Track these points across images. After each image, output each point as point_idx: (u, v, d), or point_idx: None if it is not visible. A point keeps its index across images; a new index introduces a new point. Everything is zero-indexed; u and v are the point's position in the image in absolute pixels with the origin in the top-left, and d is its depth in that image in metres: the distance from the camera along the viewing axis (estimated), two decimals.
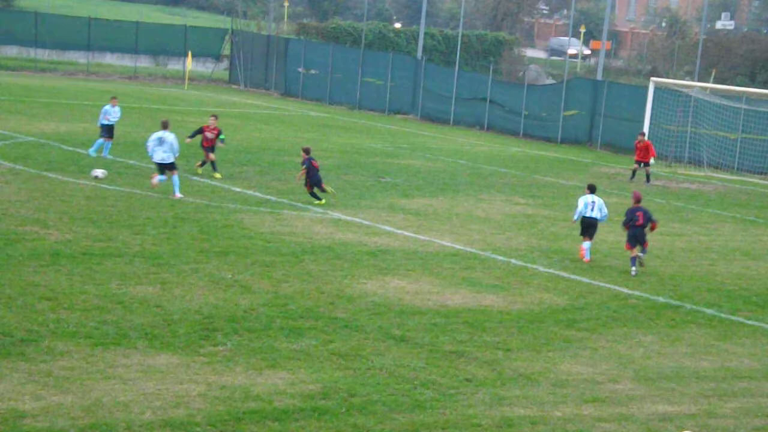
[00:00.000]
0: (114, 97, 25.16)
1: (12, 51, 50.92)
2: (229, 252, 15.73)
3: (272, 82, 50.58)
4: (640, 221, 17.07)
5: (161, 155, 19.71)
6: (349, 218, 19.67)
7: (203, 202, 19.91)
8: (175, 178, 19.89)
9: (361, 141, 33.57)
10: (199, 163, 23.48)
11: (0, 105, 33.56)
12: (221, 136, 23.38)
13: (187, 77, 49.66)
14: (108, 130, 24.27)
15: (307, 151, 21.25)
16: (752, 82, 47.60)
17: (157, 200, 19.64)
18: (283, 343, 11.49)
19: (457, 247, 17.92)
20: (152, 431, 8.84)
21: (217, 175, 23.02)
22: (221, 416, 9.29)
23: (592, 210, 17.75)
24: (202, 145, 23.30)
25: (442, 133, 39.39)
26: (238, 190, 21.75)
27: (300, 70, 49.32)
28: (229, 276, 14.28)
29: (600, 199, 18.21)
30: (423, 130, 39.73)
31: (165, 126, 20.06)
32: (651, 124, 33.58)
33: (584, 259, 17.59)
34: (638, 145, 29.42)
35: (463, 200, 23.45)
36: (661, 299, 15.25)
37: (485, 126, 42.35)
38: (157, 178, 19.84)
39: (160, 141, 19.70)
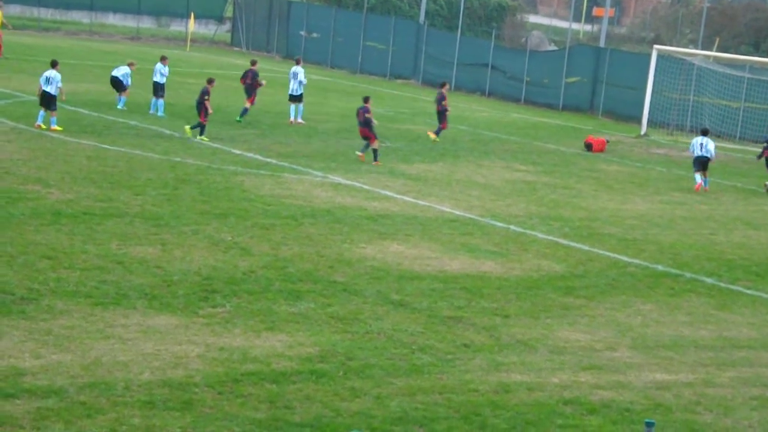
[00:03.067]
0: (164, 57, 26.27)
1: (15, 10, 50.39)
2: (229, 214, 15.69)
3: (274, 45, 50.15)
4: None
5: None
6: (348, 182, 19.60)
7: (204, 164, 19.82)
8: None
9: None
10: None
11: (3, 64, 33.28)
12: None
13: (189, 39, 49.22)
14: (160, 88, 25.47)
15: (365, 100, 22.39)
16: (756, 51, 47.17)
17: (158, 161, 19.55)
18: (282, 305, 11.46)
19: (457, 212, 17.89)
20: (151, 391, 8.82)
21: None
22: (219, 377, 9.27)
23: (701, 149, 22.42)
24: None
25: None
26: (238, 152, 21.68)
27: (302, 33, 48.89)
28: (229, 238, 14.25)
29: (709, 140, 22.65)
30: (424, 95, 39.47)
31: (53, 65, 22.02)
32: (653, 92, 33.33)
33: (697, 188, 22.14)
34: None
35: (464, 166, 23.38)
36: (660, 267, 15.20)
37: (486, 92, 42.08)
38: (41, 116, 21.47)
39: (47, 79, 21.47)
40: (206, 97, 22.74)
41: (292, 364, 9.77)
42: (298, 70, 27.79)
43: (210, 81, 23.39)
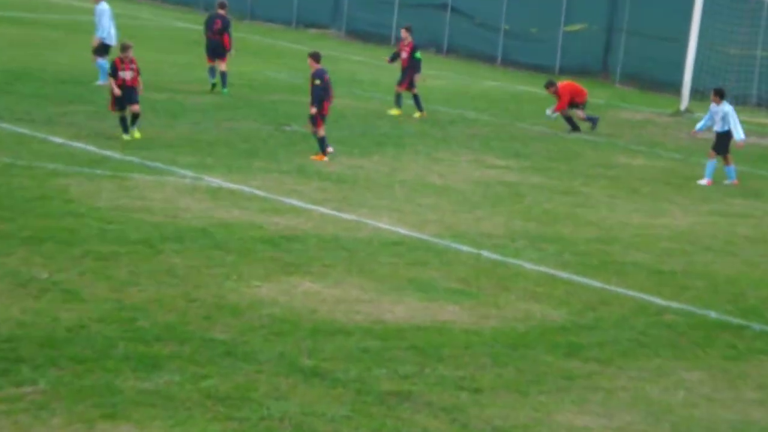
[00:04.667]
0: None
1: None
2: (46, 238, 15.61)
3: None
4: None
5: None
6: (234, 186, 19.64)
7: (3, 159, 19.72)
8: None
9: (254, 68, 33.30)
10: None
11: None
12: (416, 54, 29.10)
13: None
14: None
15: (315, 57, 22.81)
16: None
17: None
18: (129, 380, 11.36)
19: (402, 231, 17.96)
20: None
21: None
22: None
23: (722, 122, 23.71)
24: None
25: (379, 59, 39.31)
26: (59, 141, 21.64)
27: None
28: (45, 276, 14.16)
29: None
30: (350, 52, 39.68)
31: None
32: (700, 45, 33.72)
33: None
34: None
35: (411, 160, 23.58)
36: (713, 315, 15.40)
37: (444, 48, 42.50)
38: None
39: None
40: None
41: None
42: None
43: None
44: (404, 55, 29.38)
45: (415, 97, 28.92)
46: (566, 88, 28.62)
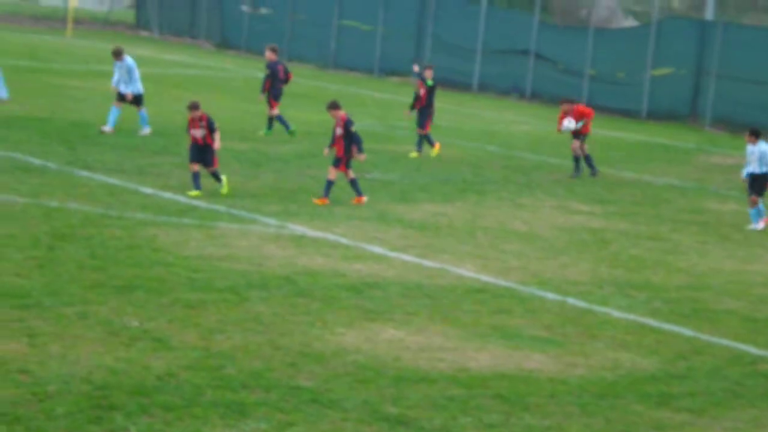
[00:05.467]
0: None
1: None
2: (136, 287, 15.78)
3: (202, 28, 50.85)
4: None
5: None
6: (318, 234, 19.75)
7: (96, 210, 19.98)
8: None
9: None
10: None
11: None
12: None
13: (70, 19, 49.78)
14: None
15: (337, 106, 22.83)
16: None
17: (23, 208, 19.72)
18: (217, 427, 11.47)
19: (484, 278, 17.96)
20: None
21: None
22: None
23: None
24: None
25: (461, 105, 39.52)
26: (149, 191, 21.87)
27: (244, 8, 49.56)
28: (135, 324, 14.30)
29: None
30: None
31: None
32: None
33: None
34: None
35: (494, 206, 23.58)
36: None
37: (527, 93, 42.48)
38: None
39: None
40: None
41: None
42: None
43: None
44: (422, 91, 29.36)
45: (422, 137, 28.86)
46: (586, 112, 27.97)
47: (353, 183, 22.66)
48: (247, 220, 20.39)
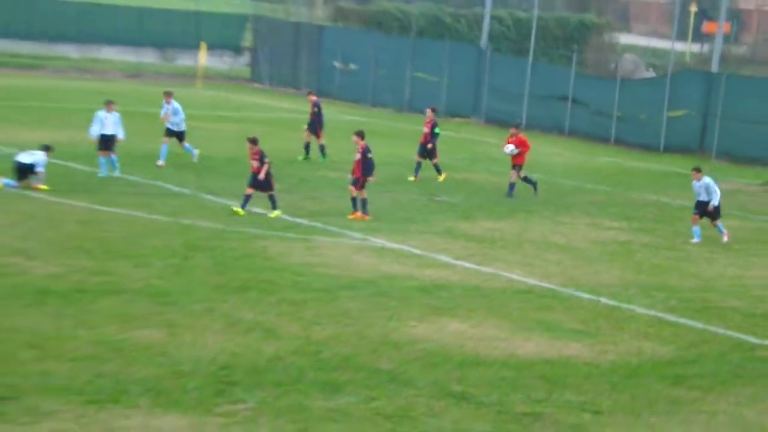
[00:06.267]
0: (110, 102, 25.33)
1: None
2: (250, 288, 15.91)
3: (302, 80, 51.12)
4: None
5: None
6: (395, 246, 19.76)
7: (219, 227, 20.15)
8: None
9: (409, 151, 33.65)
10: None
11: None
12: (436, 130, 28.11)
13: (200, 75, 50.36)
14: (105, 142, 24.59)
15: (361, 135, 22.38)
16: None
17: (164, 225, 19.95)
18: (317, 400, 11.55)
19: (531, 282, 17.90)
20: None
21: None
22: None
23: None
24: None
25: None
26: (260, 211, 21.97)
27: (336, 64, 49.80)
28: (250, 317, 14.43)
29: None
30: (487, 136, 39.72)
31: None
32: None
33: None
34: None
35: (538, 223, 23.44)
36: None
37: (566, 131, 42.24)
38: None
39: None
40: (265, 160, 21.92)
41: None
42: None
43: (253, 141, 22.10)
44: (426, 130, 28.37)
45: (419, 164, 28.19)
46: (525, 143, 26.75)
47: (363, 202, 22.23)
48: (338, 235, 20.48)
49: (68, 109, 37.02)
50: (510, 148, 26.55)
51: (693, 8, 65.04)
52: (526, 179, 26.77)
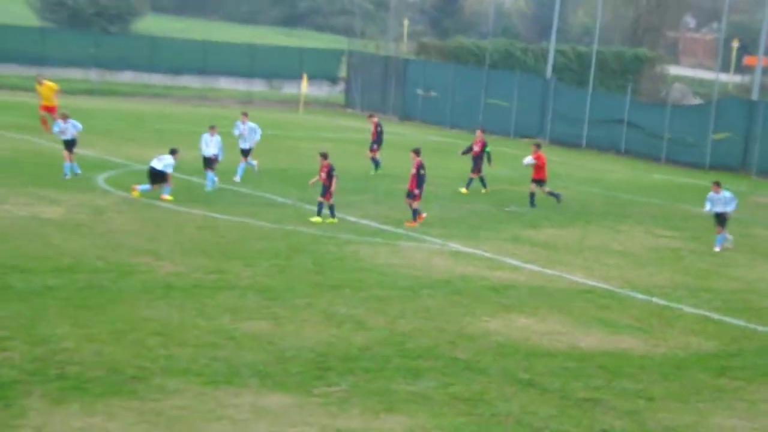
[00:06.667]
0: (213, 126, 25.23)
1: (127, 77, 53.52)
2: (343, 285, 15.93)
3: (390, 106, 51.25)
4: None
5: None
6: (469, 250, 19.64)
7: (317, 232, 20.25)
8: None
9: (483, 167, 33.48)
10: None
11: (114, 132, 35.19)
12: (487, 149, 27.81)
13: (302, 101, 50.84)
14: (207, 161, 24.46)
15: (417, 152, 22.14)
16: None
17: (270, 230, 20.10)
18: (401, 384, 11.52)
19: (590, 283, 17.65)
20: None
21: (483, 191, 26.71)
22: None
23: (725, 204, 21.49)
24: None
25: (573, 159, 38.93)
26: (353, 219, 22.04)
27: (419, 92, 49.80)
28: (343, 311, 14.45)
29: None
30: (552, 155, 39.20)
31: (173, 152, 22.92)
32: None
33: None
34: None
35: (597, 231, 23.11)
36: None
37: (622, 150, 41.60)
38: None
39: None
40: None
41: None
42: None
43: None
44: (476, 149, 27.90)
45: (481, 179, 27.75)
46: (541, 158, 25.91)
47: (414, 211, 21.87)
48: (418, 240, 20.42)
49: (190, 131, 37.66)
50: (528, 159, 26.07)
51: (735, 44, 63.84)
52: (551, 193, 26.24)
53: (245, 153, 26.51)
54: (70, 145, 24.69)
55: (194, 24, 76.74)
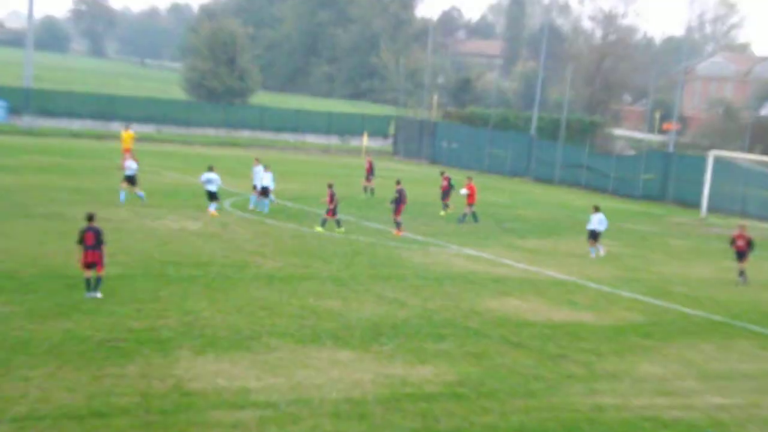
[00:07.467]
0: (256, 159, 23.79)
1: (245, 134, 54.68)
2: (390, 277, 15.92)
3: (423, 153, 51.46)
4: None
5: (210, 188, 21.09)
6: (478, 254, 19.54)
7: (372, 240, 20.18)
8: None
9: (487, 196, 33.48)
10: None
11: (235, 171, 35.66)
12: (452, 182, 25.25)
13: (363, 150, 51.21)
14: (263, 190, 22.79)
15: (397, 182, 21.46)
16: None
17: (340, 239, 20.03)
18: (430, 344, 11.55)
19: (561, 276, 17.49)
20: (337, 406, 9.12)
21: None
22: (385, 397, 9.45)
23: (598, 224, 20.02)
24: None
25: (549, 191, 38.56)
26: (400, 234, 21.91)
27: (444, 144, 49.98)
28: (391, 295, 14.40)
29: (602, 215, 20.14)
30: (534, 188, 39.06)
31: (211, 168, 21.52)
32: (711, 185, 32.34)
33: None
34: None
35: (565, 241, 22.78)
36: (717, 318, 14.41)
37: (582, 185, 41.21)
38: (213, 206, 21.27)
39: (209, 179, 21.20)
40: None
41: (438, 388, 9.84)
42: (258, 168, 23.24)
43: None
44: (444, 183, 25.84)
45: (445, 205, 25.66)
46: (473, 189, 24.61)
47: (397, 223, 20.72)
48: (442, 246, 20.20)
49: (286, 170, 38.04)
50: (464, 191, 24.82)
51: (658, 114, 63.75)
52: (473, 214, 24.76)
53: (266, 191, 22.79)
54: (131, 179, 22.43)
55: (291, 97, 77.85)
